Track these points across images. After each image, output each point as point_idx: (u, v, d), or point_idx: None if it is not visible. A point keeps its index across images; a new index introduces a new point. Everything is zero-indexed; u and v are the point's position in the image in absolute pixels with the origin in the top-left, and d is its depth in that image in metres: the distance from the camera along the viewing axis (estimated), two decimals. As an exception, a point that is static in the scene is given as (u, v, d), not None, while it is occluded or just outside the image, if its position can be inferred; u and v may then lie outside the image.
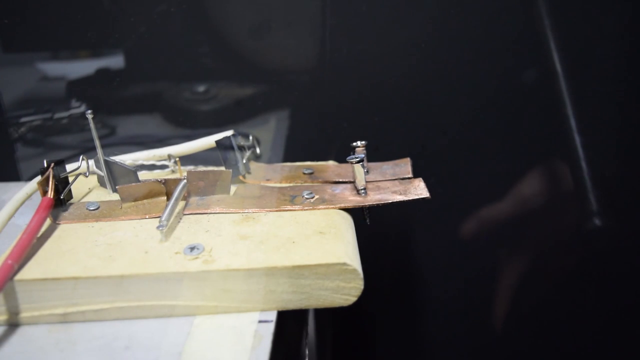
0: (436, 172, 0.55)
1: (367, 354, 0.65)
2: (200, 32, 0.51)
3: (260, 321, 0.29)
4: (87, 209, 0.35)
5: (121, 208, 0.35)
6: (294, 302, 0.30)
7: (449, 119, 0.53)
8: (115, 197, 0.37)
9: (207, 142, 0.40)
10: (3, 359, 0.27)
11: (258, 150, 0.47)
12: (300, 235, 0.31)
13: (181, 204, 0.35)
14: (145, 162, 0.42)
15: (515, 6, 0.50)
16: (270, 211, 0.34)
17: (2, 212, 0.34)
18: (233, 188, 0.37)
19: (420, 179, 0.37)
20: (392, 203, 0.35)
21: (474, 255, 0.58)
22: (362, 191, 0.36)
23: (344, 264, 0.29)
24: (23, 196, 0.36)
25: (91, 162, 0.39)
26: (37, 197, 0.34)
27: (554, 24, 0.49)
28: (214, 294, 0.29)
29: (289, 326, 0.35)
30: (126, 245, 0.31)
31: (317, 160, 0.43)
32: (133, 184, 0.35)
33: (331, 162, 0.42)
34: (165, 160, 0.42)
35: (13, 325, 0.29)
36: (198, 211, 0.34)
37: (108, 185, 0.38)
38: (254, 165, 0.41)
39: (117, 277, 0.28)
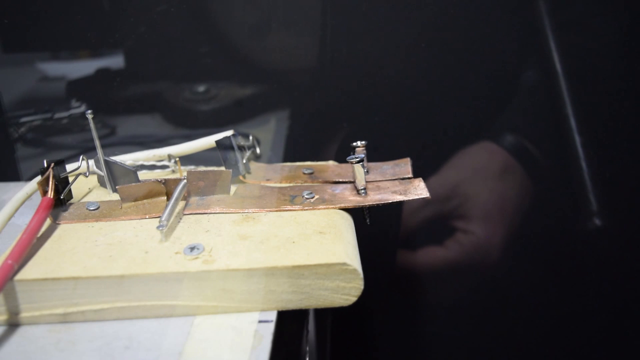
0: (436, 172, 0.55)
1: (367, 354, 0.65)
2: (200, 32, 0.51)
3: (260, 321, 0.29)
4: (87, 209, 0.35)
5: (121, 208, 0.35)
6: (294, 302, 0.30)
7: (449, 119, 0.53)
8: (115, 197, 0.37)
9: (207, 142, 0.40)
10: (3, 359, 0.27)
11: (258, 150, 0.47)
12: (300, 235, 0.31)
13: (181, 204, 0.35)
14: (145, 162, 0.42)
15: (515, 6, 0.50)
16: (270, 211, 0.34)
17: (2, 212, 0.34)
18: (233, 188, 0.37)
19: (420, 179, 0.37)
20: (392, 203, 0.35)
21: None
22: (362, 191, 0.36)
23: (344, 264, 0.29)
24: (23, 196, 0.36)
25: (91, 162, 0.39)
26: (37, 197, 0.34)
27: (554, 24, 0.49)
28: (214, 294, 0.29)
29: (289, 326, 0.35)
30: (126, 245, 0.31)
31: (317, 160, 0.43)
32: (133, 184, 0.35)
33: (331, 162, 0.42)
34: (165, 160, 0.42)
35: (13, 325, 0.29)
36: (198, 211, 0.34)
37: (108, 185, 0.38)
38: (254, 165, 0.41)
39: (117, 277, 0.28)
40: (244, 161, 0.39)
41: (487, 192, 0.54)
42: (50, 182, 0.34)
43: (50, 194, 0.33)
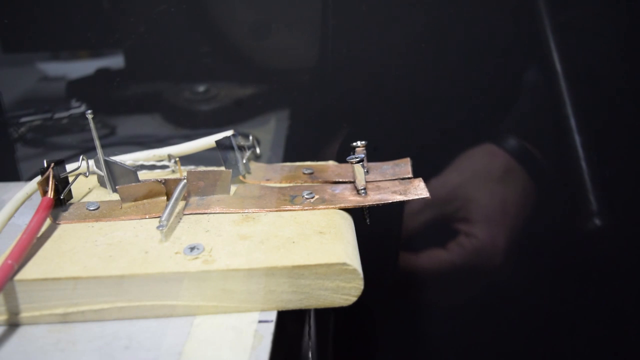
0: (436, 172, 0.55)
1: (368, 354, 0.65)
2: (200, 32, 0.51)
3: (260, 321, 0.29)
4: (87, 209, 0.35)
5: (121, 208, 0.35)
6: (294, 302, 0.30)
7: (449, 119, 0.53)
8: (115, 197, 0.37)
9: (207, 142, 0.40)
10: (3, 359, 0.27)
11: (258, 150, 0.47)
12: (300, 235, 0.31)
13: (181, 204, 0.35)
14: (145, 162, 0.42)
15: (515, 6, 0.50)
16: (270, 211, 0.34)
17: (2, 212, 0.34)
18: (233, 188, 0.37)
19: (420, 179, 0.37)
20: (392, 203, 0.35)
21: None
22: (362, 191, 0.36)
23: (344, 264, 0.29)
24: (23, 196, 0.36)
25: (91, 162, 0.39)
26: (37, 197, 0.34)
27: (554, 24, 0.49)
28: (214, 294, 0.29)
29: (289, 326, 0.35)
30: (126, 245, 0.31)
31: (317, 160, 0.43)
32: (133, 184, 0.35)
33: (331, 162, 0.42)
34: (165, 160, 0.42)
35: (13, 325, 0.29)
36: (198, 211, 0.34)
37: (108, 185, 0.38)
38: (254, 165, 0.41)
39: (117, 277, 0.28)
40: (244, 161, 0.39)
41: (488, 195, 0.54)
42: (50, 182, 0.34)
43: (50, 194, 0.33)
